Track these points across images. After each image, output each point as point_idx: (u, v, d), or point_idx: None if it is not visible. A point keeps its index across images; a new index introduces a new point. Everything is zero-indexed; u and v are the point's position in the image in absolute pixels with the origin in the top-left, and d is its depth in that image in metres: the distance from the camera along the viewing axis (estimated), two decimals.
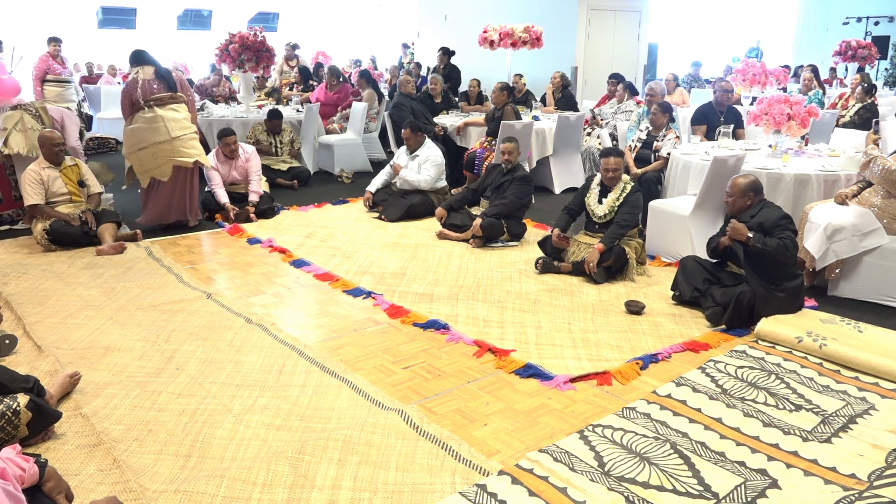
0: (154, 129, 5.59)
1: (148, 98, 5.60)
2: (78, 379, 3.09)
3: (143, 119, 5.58)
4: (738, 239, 3.88)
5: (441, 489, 2.41)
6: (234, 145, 6.33)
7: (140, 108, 5.60)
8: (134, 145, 5.64)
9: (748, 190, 3.96)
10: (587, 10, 11.28)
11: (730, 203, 4.05)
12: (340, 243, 5.47)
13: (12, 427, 2.53)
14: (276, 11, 17.58)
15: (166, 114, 5.62)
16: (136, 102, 5.60)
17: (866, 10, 14.80)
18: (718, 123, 6.44)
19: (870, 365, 3.29)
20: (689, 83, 11.13)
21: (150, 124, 5.58)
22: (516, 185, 5.47)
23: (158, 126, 5.60)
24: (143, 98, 5.58)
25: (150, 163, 5.64)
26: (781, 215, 3.90)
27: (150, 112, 5.58)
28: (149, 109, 5.59)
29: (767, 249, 3.77)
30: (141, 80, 5.63)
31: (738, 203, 3.99)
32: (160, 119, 5.59)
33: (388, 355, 3.51)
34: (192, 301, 4.17)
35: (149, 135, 5.57)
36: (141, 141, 5.60)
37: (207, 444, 2.67)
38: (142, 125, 5.57)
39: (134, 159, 5.69)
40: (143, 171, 5.69)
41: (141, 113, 5.59)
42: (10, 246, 5.28)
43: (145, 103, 5.58)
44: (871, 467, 2.57)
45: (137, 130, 5.60)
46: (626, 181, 4.79)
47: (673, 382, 3.20)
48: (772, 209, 3.95)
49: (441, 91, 8.81)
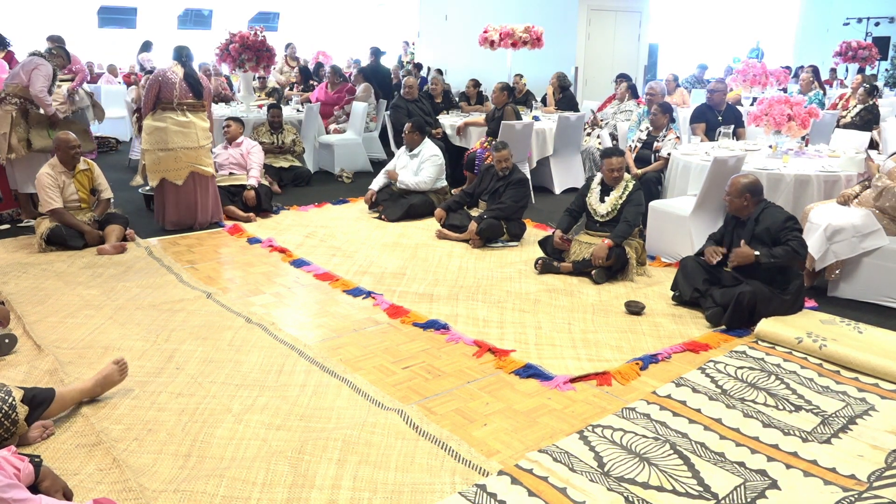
0: (185, 133, 5.55)
1: (182, 101, 5.53)
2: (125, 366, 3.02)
3: (173, 121, 5.50)
4: (746, 263, 3.86)
5: (441, 489, 2.41)
6: (231, 129, 6.54)
7: (171, 109, 5.52)
8: (156, 144, 5.54)
9: (745, 190, 3.96)
10: (588, 11, 11.28)
11: (728, 202, 4.05)
12: (340, 243, 5.47)
13: (10, 422, 2.52)
14: (276, 11, 17.58)
15: (198, 121, 5.62)
16: (166, 101, 5.51)
17: (867, 11, 14.80)
18: (716, 122, 6.45)
19: (870, 366, 3.29)
20: (693, 84, 11.13)
21: (183, 128, 5.53)
22: (513, 189, 5.46)
23: (190, 132, 5.57)
24: (177, 99, 5.51)
25: (169, 164, 5.58)
26: (786, 217, 3.90)
27: (182, 115, 5.52)
28: (181, 113, 5.53)
29: (779, 261, 3.79)
30: (179, 79, 5.55)
31: (735, 203, 3.99)
32: (192, 125, 5.56)
33: (387, 355, 3.51)
34: (192, 301, 4.16)
35: (178, 138, 5.51)
36: (167, 142, 5.52)
37: (207, 444, 2.67)
38: (171, 126, 5.49)
39: (151, 157, 5.59)
40: (157, 170, 5.61)
41: (172, 114, 5.51)
42: (10, 245, 5.28)
43: (178, 105, 5.52)
44: (871, 468, 2.57)
45: (165, 131, 5.51)
46: (627, 180, 4.80)
47: (673, 383, 3.20)
48: (774, 211, 3.95)
49: (441, 91, 8.81)
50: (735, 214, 4.05)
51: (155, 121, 5.54)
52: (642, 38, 12.06)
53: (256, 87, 10.09)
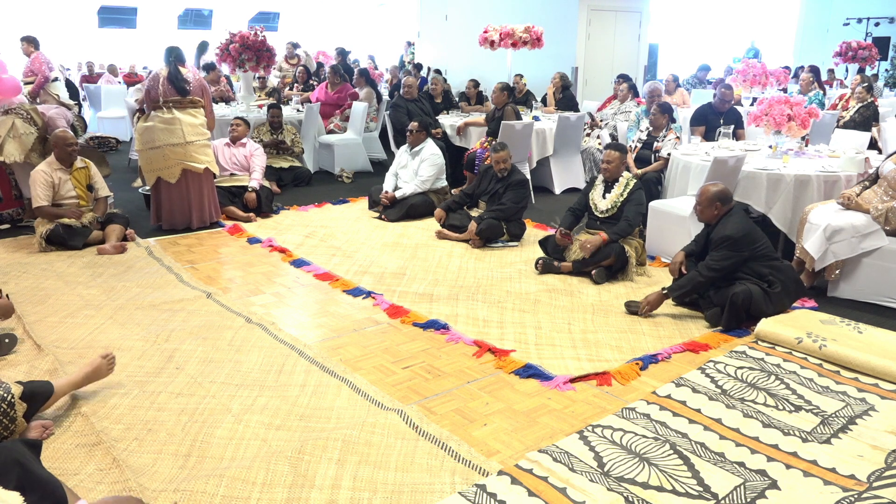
0: (170, 130, 5.56)
1: (167, 98, 5.57)
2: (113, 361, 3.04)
3: (159, 119, 5.54)
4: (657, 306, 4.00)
5: (440, 489, 2.41)
6: (240, 129, 6.55)
7: (158, 108, 5.56)
8: (146, 143, 5.60)
9: (715, 199, 3.94)
10: (588, 11, 11.29)
11: (698, 212, 4.04)
12: (340, 243, 5.47)
13: (9, 420, 2.51)
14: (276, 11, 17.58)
15: (184, 117, 5.61)
16: (154, 101, 5.56)
17: (867, 11, 14.80)
18: (718, 124, 6.44)
19: (869, 366, 3.29)
20: (694, 84, 11.13)
21: (167, 125, 5.55)
22: (513, 190, 5.46)
23: (175, 128, 5.57)
24: (162, 98, 5.55)
25: (159, 163, 5.61)
26: (723, 236, 3.84)
27: (167, 113, 5.56)
28: (167, 110, 5.56)
29: (687, 290, 3.94)
30: (162, 78, 5.60)
31: (706, 213, 3.98)
32: (177, 121, 5.57)
33: (387, 355, 3.51)
34: (192, 300, 4.17)
35: (163, 135, 5.54)
36: (154, 140, 5.56)
37: (207, 444, 2.67)
38: (157, 125, 5.53)
39: (143, 157, 5.67)
40: (151, 170, 5.66)
41: (158, 112, 5.55)
42: (10, 245, 5.28)
43: (164, 104, 5.56)
44: (871, 468, 2.57)
45: (152, 129, 5.55)
46: (628, 178, 4.80)
47: (672, 383, 3.20)
48: (727, 224, 3.89)
49: (441, 91, 8.80)
50: (705, 222, 4.05)
51: (144, 121, 5.64)
52: (642, 38, 12.06)
53: (256, 87, 10.09)
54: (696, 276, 3.91)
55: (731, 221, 3.90)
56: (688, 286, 3.94)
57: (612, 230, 4.64)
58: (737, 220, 3.90)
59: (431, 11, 12.41)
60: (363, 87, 9.01)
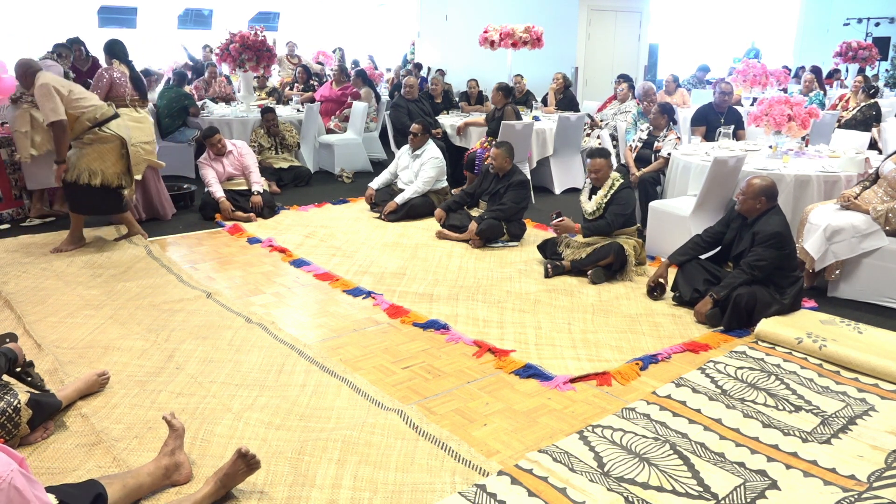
0: (142, 129, 5.70)
1: (135, 97, 5.71)
2: (106, 379, 3.07)
3: (130, 117, 5.58)
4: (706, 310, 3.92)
5: (441, 489, 2.41)
6: (220, 143, 6.30)
7: (125, 105, 5.63)
8: None
9: (761, 193, 3.92)
10: (588, 11, 11.30)
11: (740, 201, 4.02)
12: (340, 243, 5.47)
13: (13, 425, 2.53)
14: (276, 11, 17.57)
15: (148, 116, 5.83)
16: (119, 98, 5.62)
17: (867, 12, 14.80)
18: (718, 124, 6.44)
19: (869, 366, 3.29)
20: (693, 84, 11.13)
21: (139, 123, 5.67)
22: (513, 191, 5.46)
23: (144, 126, 5.73)
24: (129, 97, 5.67)
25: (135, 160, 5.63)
26: (773, 233, 3.83)
27: (136, 111, 5.69)
28: (134, 109, 5.68)
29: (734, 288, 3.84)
30: (127, 78, 5.72)
31: (749, 203, 3.96)
32: (146, 120, 5.74)
33: (387, 355, 3.51)
34: (192, 300, 4.17)
35: (136, 133, 5.58)
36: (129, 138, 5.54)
37: (207, 443, 2.67)
38: (130, 123, 5.53)
39: None
40: None
41: (126, 110, 5.60)
42: (10, 245, 5.27)
43: (130, 102, 5.67)
44: (871, 468, 2.57)
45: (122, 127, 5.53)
46: (614, 178, 4.80)
47: (672, 383, 3.20)
48: (772, 222, 3.88)
49: (441, 91, 8.80)
50: (744, 214, 4.03)
51: None
52: (642, 38, 12.07)
53: (256, 87, 10.09)
54: (739, 275, 3.87)
55: (776, 220, 3.90)
56: (735, 283, 3.87)
57: (589, 226, 4.73)
58: (782, 219, 3.92)
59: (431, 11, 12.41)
60: (361, 88, 9.02)
